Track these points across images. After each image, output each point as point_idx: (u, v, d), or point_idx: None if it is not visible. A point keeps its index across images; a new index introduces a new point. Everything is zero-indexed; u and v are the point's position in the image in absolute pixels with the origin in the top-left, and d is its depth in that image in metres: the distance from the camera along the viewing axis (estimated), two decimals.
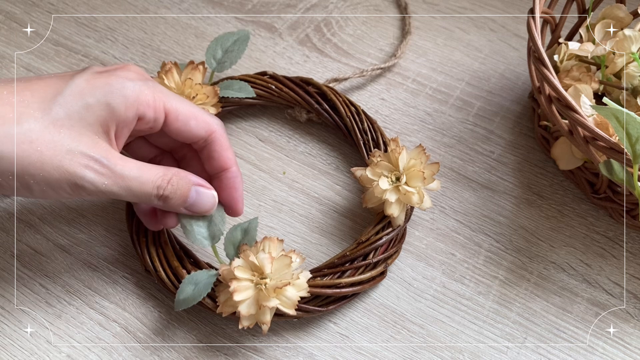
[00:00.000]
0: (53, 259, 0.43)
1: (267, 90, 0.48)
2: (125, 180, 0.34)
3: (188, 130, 0.37)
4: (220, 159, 0.38)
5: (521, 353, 0.39)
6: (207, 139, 0.38)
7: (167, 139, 0.40)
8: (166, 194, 0.36)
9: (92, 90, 0.34)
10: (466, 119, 0.50)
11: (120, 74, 0.35)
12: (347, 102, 0.47)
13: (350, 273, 0.40)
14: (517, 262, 0.43)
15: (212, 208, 0.38)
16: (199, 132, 0.37)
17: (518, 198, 0.46)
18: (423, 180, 0.40)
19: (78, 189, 0.33)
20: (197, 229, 0.38)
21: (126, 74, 0.35)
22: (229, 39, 0.49)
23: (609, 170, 0.36)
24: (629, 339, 0.40)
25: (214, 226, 0.38)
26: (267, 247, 0.37)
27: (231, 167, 0.39)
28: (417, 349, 0.39)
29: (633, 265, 0.43)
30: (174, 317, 0.40)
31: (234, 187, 0.39)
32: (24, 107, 0.32)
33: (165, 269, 0.40)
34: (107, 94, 0.34)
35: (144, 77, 0.36)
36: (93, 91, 0.34)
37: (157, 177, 0.35)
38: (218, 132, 0.38)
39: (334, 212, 0.45)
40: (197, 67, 0.45)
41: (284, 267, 0.36)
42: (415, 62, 0.54)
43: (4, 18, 0.57)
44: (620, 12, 0.46)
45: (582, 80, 0.43)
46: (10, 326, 0.40)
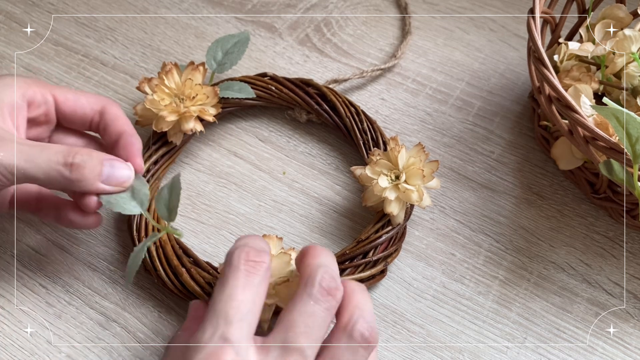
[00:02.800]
0: (53, 259, 0.43)
1: (267, 91, 0.48)
2: (23, 151, 0.34)
3: (81, 107, 0.40)
4: (115, 124, 0.40)
5: (521, 353, 0.39)
6: (101, 111, 0.40)
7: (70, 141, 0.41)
8: (77, 161, 0.35)
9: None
10: (466, 119, 0.50)
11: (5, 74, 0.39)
12: (346, 103, 0.47)
13: (350, 271, 0.40)
14: (517, 262, 0.43)
15: (130, 178, 0.38)
16: (92, 106, 0.40)
17: (518, 198, 0.46)
18: (422, 178, 0.40)
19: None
20: (122, 200, 0.38)
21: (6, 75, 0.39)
22: (230, 40, 0.49)
23: (609, 170, 0.36)
24: (629, 339, 0.40)
25: (138, 192, 0.38)
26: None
27: (126, 130, 0.40)
28: (417, 349, 0.39)
29: (633, 265, 0.43)
30: (174, 317, 0.40)
31: (129, 143, 0.39)
32: None
33: (165, 269, 0.40)
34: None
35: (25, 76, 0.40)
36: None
37: (62, 149, 0.36)
38: (109, 104, 0.41)
39: (334, 212, 0.45)
40: (198, 68, 0.45)
41: (283, 265, 0.36)
42: (415, 62, 0.54)
43: (4, 18, 0.57)
44: (620, 12, 0.46)
45: (582, 80, 0.43)
46: (10, 326, 0.40)
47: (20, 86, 0.38)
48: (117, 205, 0.37)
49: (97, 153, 0.37)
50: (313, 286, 0.31)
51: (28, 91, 0.38)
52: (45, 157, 0.35)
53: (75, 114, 0.40)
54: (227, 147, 0.49)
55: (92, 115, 0.40)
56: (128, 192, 0.38)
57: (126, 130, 0.40)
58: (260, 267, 0.31)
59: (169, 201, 0.37)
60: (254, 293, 0.31)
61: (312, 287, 0.31)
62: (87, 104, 0.40)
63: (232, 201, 0.46)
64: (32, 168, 0.34)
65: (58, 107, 0.40)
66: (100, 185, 0.37)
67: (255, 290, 0.31)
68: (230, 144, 0.49)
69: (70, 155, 0.35)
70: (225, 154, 0.48)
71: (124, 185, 0.38)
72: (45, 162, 0.34)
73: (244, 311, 0.30)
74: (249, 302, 0.30)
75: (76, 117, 0.40)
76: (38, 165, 0.34)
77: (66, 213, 0.39)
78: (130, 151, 0.39)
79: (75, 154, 0.35)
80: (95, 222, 0.40)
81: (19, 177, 0.34)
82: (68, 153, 0.35)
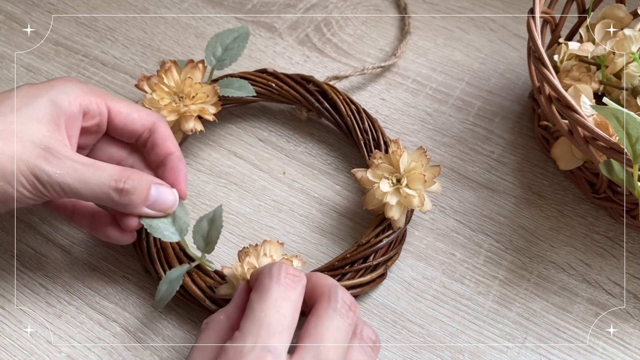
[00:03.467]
0: (53, 259, 0.43)
1: (267, 88, 0.48)
2: (78, 173, 0.34)
3: (132, 121, 0.39)
4: (163, 145, 0.40)
5: (521, 353, 0.39)
6: (151, 128, 0.40)
7: (113, 150, 0.41)
8: (126, 187, 0.36)
9: (37, 91, 0.36)
10: (466, 119, 0.50)
11: (61, 79, 0.38)
12: (347, 101, 0.47)
13: (350, 276, 0.40)
14: (517, 262, 0.43)
15: (174, 205, 0.38)
16: (143, 121, 0.39)
17: (518, 198, 0.46)
18: (424, 183, 0.40)
19: (34, 181, 0.34)
20: (163, 225, 0.38)
21: (67, 79, 0.38)
22: (229, 35, 0.48)
23: (609, 170, 0.36)
24: (629, 339, 0.40)
25: (179, 220, 0.38)
26: (268, 250, 0.37)
27: (175, 152, 0.40)
28: (417, 349, 0.39)
29: (633, 265, 0.43)
30: (174, 317, 0.40)
31: (177, 167, 0.39)
32: None
33: (165, 270, 0.40)
34: (51, 93, 0.36)
35: (83, 83, 0.39)
36: (37, 92, 0.36)
37: (114, 172, 0.36)
38: (159, 121, 0.40)
39: (334, 212, 0.45)
40: (197, 66, 0.45)
41: None
42: (415, 62, 0.54)
43: (4, 18, 0.57)
44: (620, 12, 0.46)
45: (582, 80, 0.43)
46: (10, 326, 0.40)
47: (78, 95, 0.37)
48: (157, 230, 0.38)
49: (146, 177, 0.37)
50: (337, 301, 0.32)
51: (85, 100, 0.37)
52: (98, 180, 0.35)
53: (125, 128, 0.39)
54: (227, 147, 0.49)
55: (141, 132, 0.40)
56: (169, 217, 0.38)
57: (174, 152, 0.40)
58: (299, 282, 0.32)
59: (207, 234, 0.38)
60: (294, 308, 0.31)
61: (336, 302, 0.32)
62: (139, 120, 0.39)
63: (232, 201, 0.46)
64: (84, 189, 0.35)
65: (110, 119, 0.39)
66: (145, 209, 0.37)
67: (295, 305, 0.31)
68: (230, 144, 0.49)
69: (122, 180, 0.35)
70: (225, 154, 0.48)
71: (167, 212, 0.38)
72: (97, 185, 0.35)
73: (285, 325, 0.30)
74: (289, 316, 0.31)
75: (126, 131, 0.39)
76: (90, 187, 0.35)
77: (104, 226, 0.39)
78: (176, 176, 0.39)
79: (127, 178, 0.36)
80: (130, 239, 0.40)
81: (69, 195, 0.35)
82: (119, 177, 0.35)
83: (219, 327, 0.33)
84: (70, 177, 0.34)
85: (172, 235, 0.38)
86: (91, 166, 0.35)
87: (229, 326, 0.32)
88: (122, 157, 0.41)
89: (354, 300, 0.33)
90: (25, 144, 0.34)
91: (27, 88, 0.36)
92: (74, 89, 0.37)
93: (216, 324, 0.33)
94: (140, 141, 0.40)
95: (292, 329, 0.31)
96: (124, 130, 0.39)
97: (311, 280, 0.34)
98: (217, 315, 0.33)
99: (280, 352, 0.29)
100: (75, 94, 0.37)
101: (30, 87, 0.36)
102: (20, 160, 0.33)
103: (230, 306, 0.34)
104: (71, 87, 0.37)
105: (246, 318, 0.31)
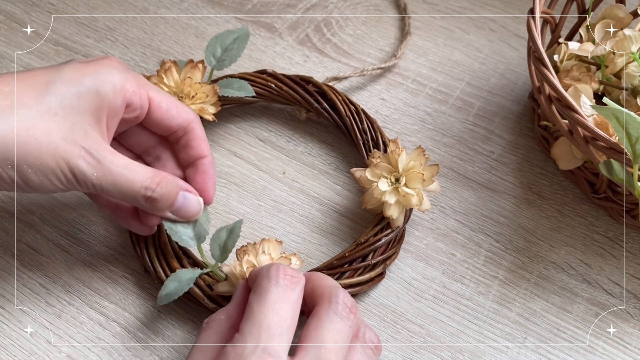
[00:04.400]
0: (53, 259, 0.43)
1: (266, 88, 0.48)
2: (113, 175, 0.34)
3: (170, 118, 0.38)
4: (198, 147, 0.39)
5: (521, 353, 0.39)
6: (186, 128, 0.39)
7: (143, 138, 0.40)
8: (155, 196, 0.36)
9: (82, 78, 0.34)
10: (466, 119, 0.50)
11: (106, 62, 0.36)
12: (346, 101, 0.47)
13: (349, 274, 0.40)
14: (517, 262, 0.43)
15: (198, 214, 0.38)
16: (180, 120, 0.39)
17: (518, 198, 0.46)
18: (422, 182, 0.40)
19: (72, 178, 0.34)
20: (183, 229, 0.38)
21: (110, 62, 0.36)
22: (229, 36, 0.48)
23: (609, 170, 0.36)
24: (629, 339, 0.40)
25: (199, 226, 0.38)
26: (266, 248, 0.37)
27: (208, 155, 0.40)
28: (417, 349, 0.39)
29: (633, 265, 0.43)
30: (174, 317, 0.40)
31: (207, 172, 0.39)
32: (18, 97, 0.32)
33: (165, 269, 0.40)
34: (96, 81, 0.35)
35: (126, 68, 0.37)
36: (83, 79, 0.34)
37: (145, 178, 0.35)
38: (196, 121, 0.40)
39: (334, 212, 0.45)
40: (197, 66, 0.45)
41: None
42: (415, 62, 0.54)
43: (4, 18, 0.57)
44: (620, 12, 0.46)
45: (582, 80, 0.43)
46: (10, 326, 0.40)
47: (123, 85, 0.36)
48: (176, 234, 0.38)
49: (175, 183, 0.37)
50: (338, 304, 0.32)
51: (129, 92, 0.36)
52: (129, 186, 0.35)
53: (161, 124, 0.38)
54: (227, 147, 0.49)
55: (176, 129, 0.39)
56: (191, 223, 0.38)
57: (207, 156, 0.40)
58: (298, 283, 0.32)
59: (224, 243, 0.38)
60: (293, 310, 0.31)
61: (337, 304, 0.32)
62: (177, 118, 0.38)
63: (232, 201, 0.46)
64: (115, 191, 0.35)
65: (150, 112, 0.38)
66: (168, 214, 0.37)
67: (294, 307, 0.31)
68: (230, 144, 0.49)
69: (151, 188, 0.35)
70: (225, 154, 0.48)
71: (190, 219, 0.38)
72: (127, 190, 0.35)
73: (284, 327, 0.30)
74: (289, 318, 0.31)
75: (161, 126, 0.39)
76: (120, 190, 0.35)
77: (125, 215, 0.39)
78: (206, 181, 0.39)
79: (157, 186, 0.36)
80: (150, 231, 0.40)
81: (100, 193, 0.35)
82: (150, 185, 0.35)
83: (220, 327, 0.33)
84: (105, 180, 0.34)
85: (189, 241, 0.38)
86: (125, 168, 0.35)
87: (229, 326, 0.32)
88: (150, 145, 0.40)
89: (355, 302, 0.33)
90: (67, 142, 0.33)
91: (71, 71, 0.35)
92: (119, 77, 0.36)
93: (216, 324, 0.33)
94: (173, 137, 0.40)
95: (292, 330, 0.31)
96: (159, 125, 0.39)
97: (311, 280, 0.34)
98: (218, 315, 0.33)
99: (280, 354, 0.29)
100: (120, 83, 0.35)
101: (75, 69, 0.35)
102: (62, 158, 0.33)
103: (230, 306, 0.34)
104: (116, 75, 0.36)
105: (246, 320, 0.30)
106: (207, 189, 0.39)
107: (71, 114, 0.34)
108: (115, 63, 0.36)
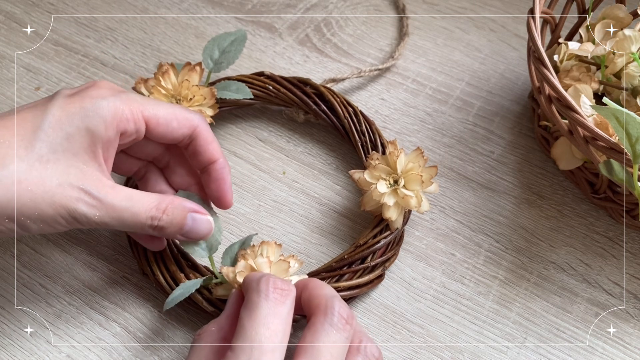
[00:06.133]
0: (53, 259, 0.43)
1: (264, 90, 0.48)
2: (116, 211, 0.34)
3: (172, 131, 0.37)
4: (206, 153, 0.38)
5: (521, 353, 0.39)
6: (192, 135, 0.38)
7: (149, 148, 0.40)
8: (161, 224, 0.35)
9: (70, 117, 0.33)
10: (466, 119, 0.50)
11: (92, 93, 0.35)
12: (344, 103, 0.47)
13: (348, 277, 0.40)
14: (517, 262, 0.43)
15: (208, 234, 0.38)
16: (182, 130, 0.37)
17: (518, 198, 0.46)
18: (421, 183, 0.40)
19: (73, 221, 0.33)
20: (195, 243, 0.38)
21: (97, 92, 0.35)
22: (226, 39, 0.48)
23: (609, 170, 0.36)
24: (629, 339, 0.40)
25: (212, 237, 0.38)
26: (265, 251, 0.37)
27: (218, 159, 0.39)
28: (417, 349, 0.39)
29: (633, 265, 0.43)
30: (174, 317, 0.40)
31: (222, 178, 0.39)
32: (5, 148, 0.32)
33: (163, 272, 0.40)
34: (85, 119, 0.33)
35: (115, 91, 0.35)
36: (71, 118, 0.33)
37: (150, 207, 0.35)
38: (200, 126, 0.38)
39: (334, 212, 0.45)
40: (194, 69, 0.45)
41: (282, 272, 0.36)
42: (415, 62, 0.54)
43: (4, 18, 0.57)
44: (620, 12, 0.46)
45: (582, 80, 0.43)
46: (10, 326, 0.40)
47: (114, 115, 0.34)
48: (187, 246, 0.38)
49: (182, 206, 0.36)
50: (334, 315, 0.31)
51: (122, 121, 0.35)
52: (134, 219, 0.34)
53: (164, 137, 0.37)
54: (227, 147, 0.49)
55: (181, 139, 0.38)
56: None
57: (218, 160, 0.39)
58: (288, 296, 0.32)
59: (235, 255, 0.39)
60: (285, 323, 0.31)
61: (332, 316, 0.31)
62: (179, 129, 0.37)
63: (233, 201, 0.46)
64: (121, 226, 0.34)
65: (149, 130, 0.36)
66: (178, 236, 0.37)
67: (285, 321, 0.31)
68: (230, 144, 0.49)
69: (157, 217, 0.35)
70: (225, 154, 0.48)
71: (200, 239, 0.38)
72: (133, 223, 0.34)
73: (276, 341, 0.30)
74: (280, 332, 0.30)
75: (164, 139, 0.37)
76: (126, 225, 0.34)
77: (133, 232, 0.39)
78: (221, 188, 0.39)
79: (163, 213, 0.35)
80: (159, 247, 0.40)
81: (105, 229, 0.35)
82: (155, 214, 0.35)
83: (211, 339, 0.33)
84: (108, 217, 0.34)
85: (201, 252, 0.38)
86: (129, 201, 0.34)
87: (220, 337, 0.32)
88: (159, 152, 0.40)
89: (351, 313, 0.32)
90: (64, 187, 0.32)
91: (59, 111, 0.33)
92: (109, 108, 0.34)
93: (208, 336, 0.33)
94: (181, 145, 0.39)
95: (284, 344, 0.31)
96: (162, 139, 0.38)
97: (308, 288, 0.33)
98: (209, 326, 0.33)
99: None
100: (110, 114, 0.34)
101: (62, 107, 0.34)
102: (60, 205, 0.32)
103: (222, 317, 0.34)
104: (105, 106, 0.34)
105: (237, 337, 0.30)
106: (224, 196, 0.39)
107: (64, 157, 0.33)
108: (103, 91, 0.35)
